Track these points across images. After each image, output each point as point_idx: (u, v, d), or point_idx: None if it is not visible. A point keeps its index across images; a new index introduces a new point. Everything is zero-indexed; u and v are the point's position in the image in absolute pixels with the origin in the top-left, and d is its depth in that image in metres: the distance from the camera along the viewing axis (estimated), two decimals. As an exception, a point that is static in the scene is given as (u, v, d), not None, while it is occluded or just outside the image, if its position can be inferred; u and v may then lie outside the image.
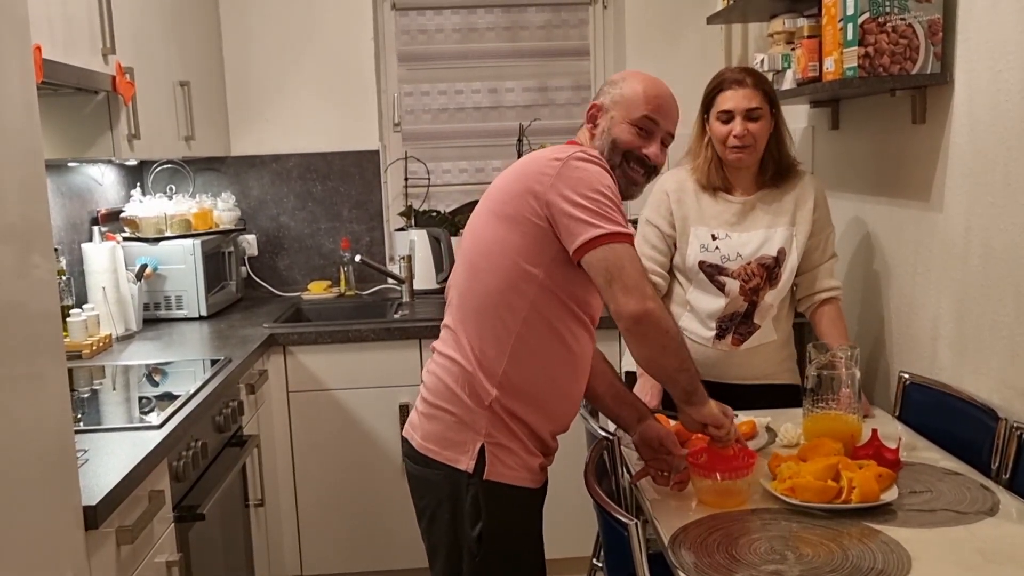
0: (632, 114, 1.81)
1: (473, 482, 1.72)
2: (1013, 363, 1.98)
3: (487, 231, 1.76)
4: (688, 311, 2.41)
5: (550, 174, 1.69)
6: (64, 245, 2.85)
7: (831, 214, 2.45)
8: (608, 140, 1.81)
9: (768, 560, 1.53)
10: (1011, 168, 1.96)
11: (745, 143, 2.28)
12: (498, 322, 1.72)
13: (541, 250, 1.70)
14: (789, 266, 2.36)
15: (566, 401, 1.82)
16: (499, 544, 1.74)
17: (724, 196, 2.38)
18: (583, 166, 1.70)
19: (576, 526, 2.83)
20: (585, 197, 1.66)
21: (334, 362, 3.01)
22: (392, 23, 3.80)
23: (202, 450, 2.11)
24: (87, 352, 2.58)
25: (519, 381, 1.73)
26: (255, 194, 3.68)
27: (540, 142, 3.70)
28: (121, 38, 2.46)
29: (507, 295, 1.71)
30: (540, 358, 1.74)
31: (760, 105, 2.28)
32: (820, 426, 1.97)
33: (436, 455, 1.75)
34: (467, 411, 1.73)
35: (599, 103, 1.84)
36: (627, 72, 1.89)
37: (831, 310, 2.40)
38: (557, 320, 1.74)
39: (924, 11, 2.18)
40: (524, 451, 1.75)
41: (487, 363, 1.72)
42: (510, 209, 1.72)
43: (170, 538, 1.91)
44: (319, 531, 3.08)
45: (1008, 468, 1.88)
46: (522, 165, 1.78)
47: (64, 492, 1.43)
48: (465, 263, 1.80)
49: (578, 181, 1.68)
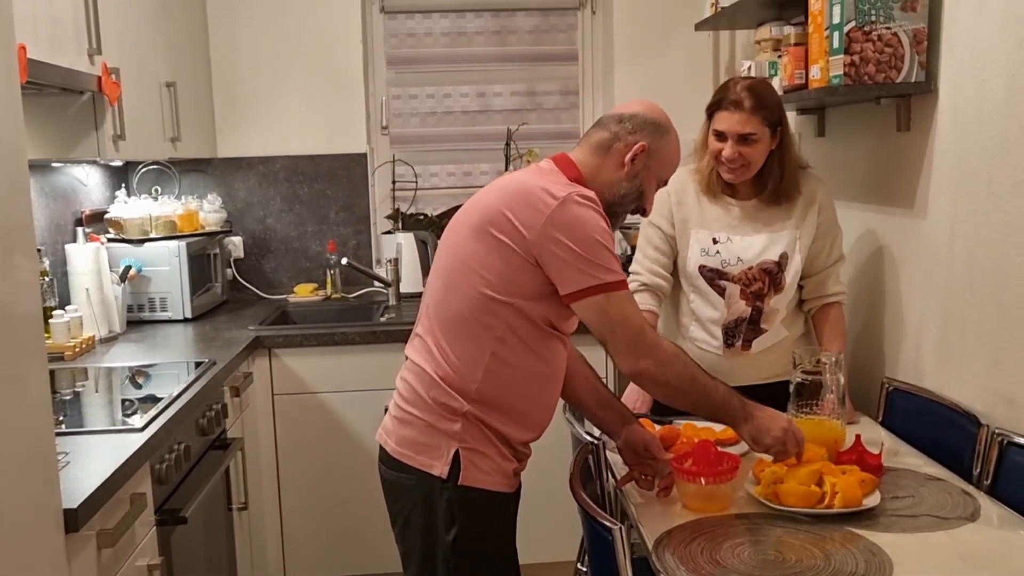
0: (664, 173, 1.82)
1: (447, 487, 1.71)
2: (996, 370, 1.99)
3: (467, 247, 1.71)
4: (695, 321, 2.38)
5: (544, 212, 1.63)
6: (47, 246, 2.83)
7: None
8: (636, 187, 1.78)
9: (752, 564, 1.53)
10: (994, 176, 1.98)
11: (734, 166, 2.24)
12: (472, 339, 1.70)
13: (520, 281, 1.67)
14: (793, 270, 2.32)
15: (541, 411, 1.81)
16: (474, 549, 1.74)
17: (726, 199, 2.35)
18: (580, 212, 1.64)
19: (561, 530, 2.83)
20: (581, 244, 1.62)
21: (320, 365, 3.00)
22: (381, 26, 3.79)
23: (185, 453, 2.10)
24: (70, 354, 2.56)
25: (493, 395, 1.71)
26: (241, 196, 3.67)
27: (528, 146, 3.71)
28: (107, 38, 2.44)
29: (480, 316, 1.69)
30: (515, 374, 1.72)
31: (755, 131, 2.20)
32: (804, 431, 1.96)
33: (410, 460, 1.74)
34: (440, 419, 1.72)
35: (647, 146, 1.76)
36: (665, 118, 1.81)
37: (834, 314, 2.38)
38: (532, 339, 1.72)
39: (909, 20, 2.20)
40: (499, 456, 1.75)
41: (460, 377, 1.70)
42: (490, 232, 1.67)
43: (152, 542, 1.90)
44: (303, 535, 3.06)
45: (989, 474, 1.90)
46: (513, 190, 1.70)
47: (44, 495, 1.42)
48: (441, 275, 1.76)
49: (575, 227, 1.63)
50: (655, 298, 2.39)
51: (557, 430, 1.93)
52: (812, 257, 2.36)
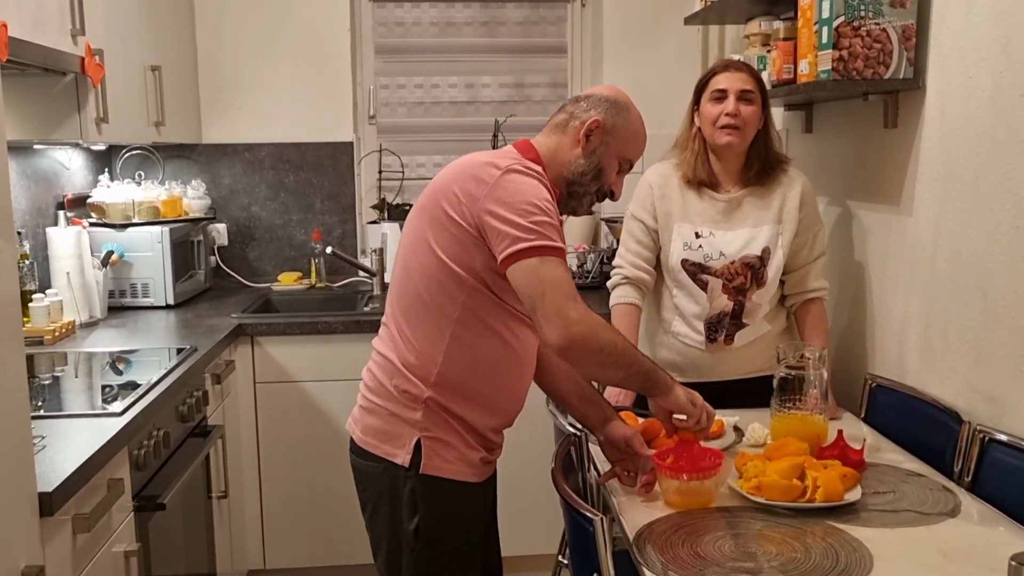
0: (625, 152, 1.80)
1: (410, 476, 1.71)
2: (978, 367, 2.00)
3: (419, 230, 1.72)
4: (678, 315, 2.38)
5: (487, 182, 1.63)
6: (28, 229, 2.80)
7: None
8: (595, 164, 1.78)
9: (732, 558, 1.53)
10: (980, 173, 1.98)
11: (736, 123, 2.25)
12: (430, 322, 1.69)
13: (470, 256, 1.66)
14: (775, 265, 2.33)
15: (508, 396, 1.80)
16: (436, 537, 1.74)
17: (709, 193, 2.35)
18: (520, 179, 1.64)
19: (542, 523, 2.82)
20: (517, 211, 1.60)
21: (302, 354, 2.98)
22: (369, 15, 3.77)
23: (164, 439, 2.08)
24: (49, 338, 2.53)
25: (455, 379, 1.71)
26: (226, 183, 3.64)
27: (515, 138, 3.68)
28: (91, 19, 2.42)
29: (437, 296, 1.68)
30: (477, 356, 1.71)
31: (754, 90, 2.27)
32: (787, 426, 1.98)
33: (375, 448, 1.75)
34: (401, 407, 1.72)
35: (602, 121, 1.77)
36: (624, 97, 1.82)
37: (816, 310, 2.39)
38: (493, 319, 1.71)
39: (898, 16, 2.20)
40: (463, 444, 1.74)
41: (421, 361, 1.70)
42: (442, 209, 1.67)
43: (129, 528, 1.88)
44: (283, 524, 3.05)
45: (970, 471, 1.90)
46: (460, 166, 1.72)
47: (19, 478, 1.40)
48: (400, 261, 1.77)
49: (514, 193, 1.62)
50: (638, 292, 2.38)
51: (541, 423, 1.93)
52: (794, 252, 2.36)
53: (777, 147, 2.39)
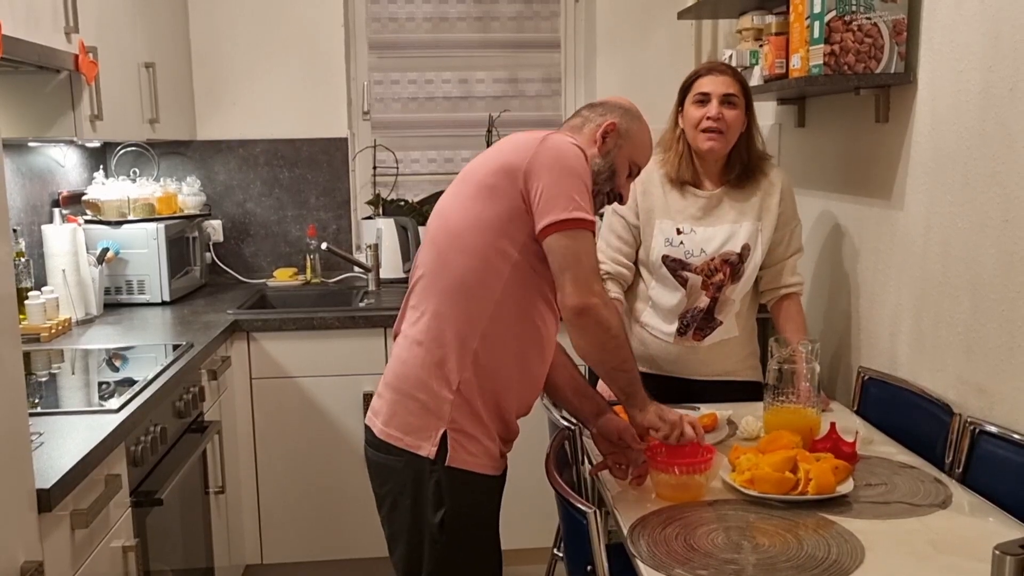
0: (636, 157, 1.87)
1: (436, 468, 1.71)
2: (969, 359, 2.01)
3: (460, 212, 1.75)
4: (650, 306, 2.42)
5: (532, 147, 1.70)
6: (23, 226, 2.81)
7: (798, 209, 2.46)
8: (609, 166, 1.83)
9: (725, 550, 1.54)
10: (970, 168, 1.99)
11: (718, 127, 2.27)
12: (472, 303, 1.72)
13: (517, 228, 1.70)
14: (753, 262, 2.36)
15: (532, 382, 1.83)
16: (461, 530, 1.75)
17: (691, 190, 2.38)
18: (564, 145, 1.72)
19: (537, 516, 2.84)
20: (563, 174, 1.68)
21: (298, 349, 2.99)
22: (363, 10, 3.77)
23: (161, 435, 2.09)
24: (45, 335, 2.54)
25: (490, 362, 1.72)
26: (221, 179, 3.64)
27: (509, 133, 3.69)
28: (85, 16, 2.41)
29: (481, 274, 1.71)
30: (512, 339, 1.74)
31: (737, 94, 2.29)
32: (780, 419, 1.99)
33: (398, 441, 1.75)
34: (433, 396, 1.72)
35: (617, 124, 1.84)
36: (635, 107, 1.89)
37: (791, 305, 2.42)
38: (528, 302, 1.75)
39: (889, 11, 2.21)
40: (486, 437, 1.75)
41: (459, 344, 1.71)
42: (488, 185, 1.72)
43: (127, 523, 1.89)
44: (280, 519, 3.06)
45: (961, 463, 1.92)
46: (501, 144, 1.80)
47: (17, 474, 1.41)
48: (434, 245, 1.79)
49: (558, 156, 1.69)
50: (618, 287, 2.42)
51: (535, 417, 1.94)
52: (771, 248, 2.39)
53: (760, 147, 2.41)
